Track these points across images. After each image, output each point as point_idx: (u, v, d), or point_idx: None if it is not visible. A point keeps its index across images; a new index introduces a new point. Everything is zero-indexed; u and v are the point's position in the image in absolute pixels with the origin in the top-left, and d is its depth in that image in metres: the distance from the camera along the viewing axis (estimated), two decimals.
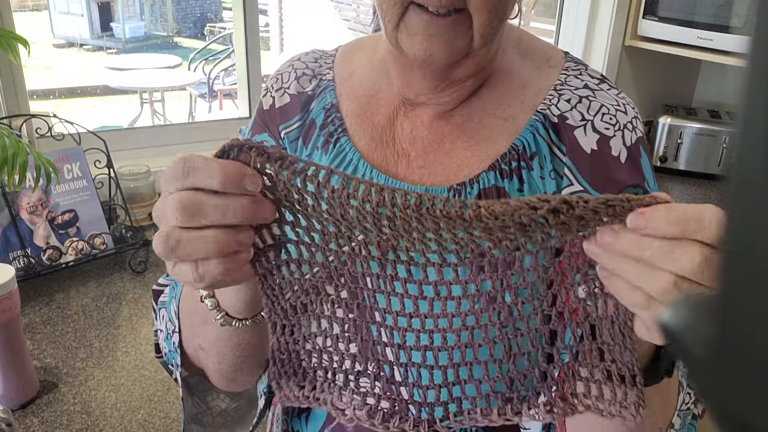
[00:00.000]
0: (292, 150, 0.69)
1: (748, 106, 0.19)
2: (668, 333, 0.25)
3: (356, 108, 0.67)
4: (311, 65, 0.71)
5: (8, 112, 1.40)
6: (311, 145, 0.67)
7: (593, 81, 0.63)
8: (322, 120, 0.67)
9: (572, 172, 0.60)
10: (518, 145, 0.61)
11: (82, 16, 7.83)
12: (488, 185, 0.61)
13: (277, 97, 0.70)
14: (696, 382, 0.23)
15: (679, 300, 0.25)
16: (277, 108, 0.70)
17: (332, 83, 0.69)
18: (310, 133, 0.68)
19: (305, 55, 0.73)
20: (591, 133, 0.60)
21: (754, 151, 0.19)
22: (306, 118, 0.69)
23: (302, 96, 0.69)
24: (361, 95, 0.68)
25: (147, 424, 0.95)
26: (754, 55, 0.19)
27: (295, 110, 0.69)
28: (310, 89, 0.69)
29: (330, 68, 0.71)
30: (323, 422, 0.70)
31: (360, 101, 0.67)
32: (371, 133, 0.66)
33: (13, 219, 1.27)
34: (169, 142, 1.64)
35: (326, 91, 0.69)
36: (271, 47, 6.47)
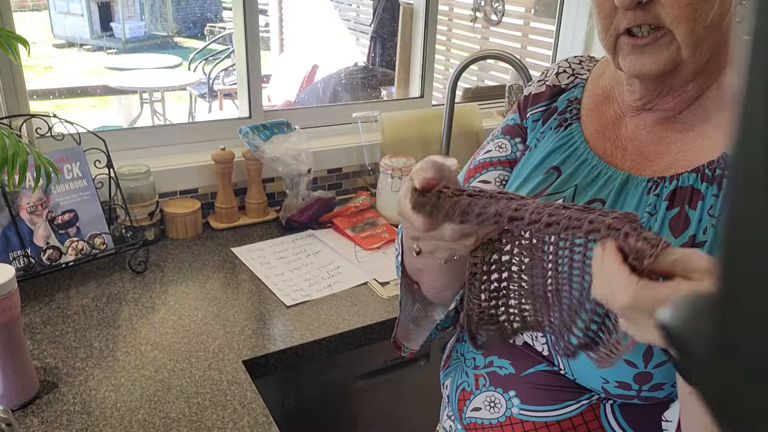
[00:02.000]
0: (531, 129, 0.83)
1: (748, 106, 0.19)
2: (668, 333, 0.25)
3: (593, 103, 0.79)
4: (574, 65, 0.85)
5: (8, 112, 1.40)
6: (547, 126, 0.81)
7: None
8: (563, 107, 0.81)
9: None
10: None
11: (82, 16, 7.83)
12: (686, 184, 0.67)
13: (535, 87, 0.85)
14: (696, 382, 0.23)
15: (679, 300, 0.25)
16: (533, 95, 0.85)
17: (584, 82, 0.82)
18: (550, 116, 0.81)
19: (574, 57, 0.87)
20: None
21: (754, 150, 0.19)
22: (550, 105, 0.82)
23: (555, 88, 0.83)
24: (600, 94, 0.80)
25: (147, 424, 0.95)
26: (754, 55, 0.19)
27: (545, 98, 0.83)
28: (564, 84, 0.83)
29: (589, 70, 0.84)
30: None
31: (596, 99, 0.79)
32: (597, 125, 0.77)
33: (13, 219, 1.27)
34: (169, 142, 1.64)
35: (577, 87, 0.82)
36: (271, 47, 6.47)
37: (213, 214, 1.63)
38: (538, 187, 0.77)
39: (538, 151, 0.80)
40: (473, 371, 0.82)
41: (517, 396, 0.75)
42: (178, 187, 1.59)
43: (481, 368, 0.81)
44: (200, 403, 0.99)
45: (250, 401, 1.00)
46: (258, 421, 0.96)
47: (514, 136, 0.86)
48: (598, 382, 0.69)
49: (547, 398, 0.74)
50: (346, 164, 1.80)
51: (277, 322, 1.23)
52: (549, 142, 0.79)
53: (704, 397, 0.23)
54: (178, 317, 1.22)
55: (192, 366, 1.08)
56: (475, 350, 0.82)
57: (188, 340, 1.15)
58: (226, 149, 1.57)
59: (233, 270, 1.41)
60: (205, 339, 1.16)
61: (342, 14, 5.79)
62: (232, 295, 1.31)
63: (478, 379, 0.80)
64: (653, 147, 0.72)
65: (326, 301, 1.30)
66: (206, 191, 1.62)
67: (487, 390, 0.79)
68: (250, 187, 1.64)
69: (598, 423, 0.71)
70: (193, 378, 1.05)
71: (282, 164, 1.56)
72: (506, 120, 0.89)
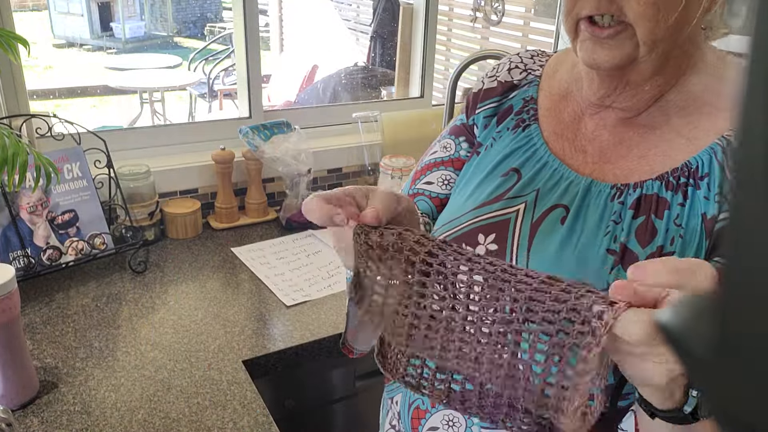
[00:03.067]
0: (483, 125, 0.81)
1: (748, 106, 0.19)
2: (668, 333, 0.25)
3: (549, 103, 0.78)
4: (525, 60, 0.83)
5: (8, 112, 1.40)
6: (503, 126, 0.79)
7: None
8: (519, 107, 0.79)
9: None
10: (692, 163, 0.65)
11: (82, 16, 7.83)
12: (650, 192, 0.66)
13: (487, 83, 0.83)
14: (696, 382, 0.23)
15: (680, 300, 0.25)
16: (484, 90, 0.83)
17: (538, 79, 0.80)
18: (506, 116, 0.79)
19: (526, 51, 0.85)
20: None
21: (754, 151, 0.19)
22: (503, 102, 0.80)
23: (507, 84, 0.81)
24: (555, 94, 0.78)
25: (147, 424, 0.95)
26: (754, 55, 0.19)
27: (497, 93, 0.81)
28: (517, 79, 0.81)
29: (542, 66, 0.82)
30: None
31: (553, 99, 0.78)
32: (555, 127, 0.76)
33: (13, 219, 1.27)
34: (169, 142, 1.64)
35: (531, 84, 0.80)
36: (271, 47, 6.47)
37: (213, 214, 1.63)
38: (497, 190, 0.75)
39: (495, 151, 0.78)
40: None
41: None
42: (178, 187, 1.59)
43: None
44: (200, 403, 0.99)
45: (250, 401, 1.00)
46: (258, 421, 0.96)
47: (459, 136, 0.85)
48: None
49: None
50: (346, 164, 1.80)
51: (277, 322, 1.23)
52: (507, 143, 0.77)
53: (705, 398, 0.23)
54: (178, 317, 1.22)
55: (192, 366, 1.08)
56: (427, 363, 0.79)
57: (188, 340, 1.15)
58: (226, 149, 1.57)
59: (233, 270, 1.41)
60: (205, 339, 1.16)
61: (342, 14, 5.79)
62: (232, 295, 1.31)
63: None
64: (614, 149, 0.71)
65: (326, 301, 1.30)
66: (206, 191, 1.62)
67: (444, 409, 0.75)
68: (250, 187, 1.64)
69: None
70: (193, 378, 1.05)
71: (282, 164, 1.56)
72: (454, 121, 0.88)
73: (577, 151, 0.73)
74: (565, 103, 0.77)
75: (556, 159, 0.73)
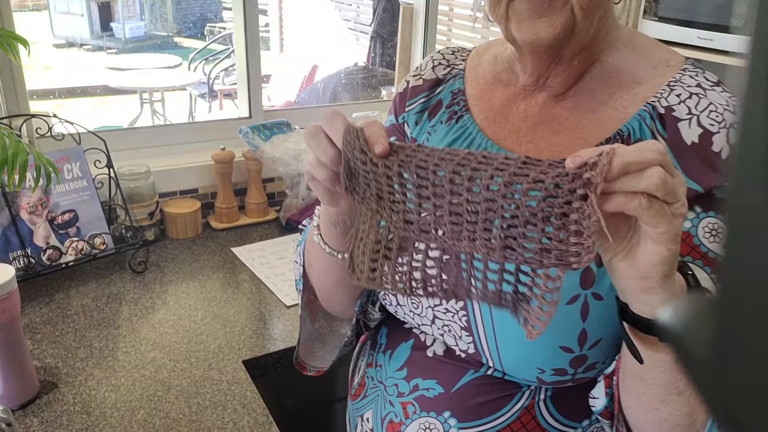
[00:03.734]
0: (414, 122, 0.82)
1: (748, 106, 0.19)
2: (668, 333, 0.25)
3: (477, 93, 0.79)
4: (448, 56, 0.85)
5: (8, 112, 1.40)
6: (436, 119, 0.80)
7: (708, 82, 0.68)
8: (449, 101, 0.80)
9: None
10: (624, 131, 0.67)
11: (82, 16, 7.83)
12: None
13: (412, 81, 0.84)
14: (696, 382, 0.23)
15: (679, 300, 0.25)
16: (410, 88, 0.84)
17: (462, 72, 0.82)
18: (437, 110, 0.81)
19: (446, 48, 0.87)
20: (695, 127, 0.64)
21: (754, 151, 0.19)
22: (431, 97, 0.82)
23: (433, 80, 0.83)
24: (482, 83, 0.80)
25: (147, 424, 0.95)
26: (754, 55, 0.19)
27: (424, 90, 0.83)
28: (441, 74, 0.83)
29: (464, 60, 0.84)
30: (405, 359, 0.79)
31: (481, 88, 0.79)
32: (486, 113, 0.77)
33: (13, 219, 1.27)
34: (169, 142, 1.64)
35: (456, 78, 0.82)
36: (271, 47, 6.47)
37: (213, 214, 1.63)
38: None
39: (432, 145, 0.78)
40: (398, 399, 0.77)
41: (453, 416, 0.73)
42: (178, 187, 1.59)
43: (407, 395, 0.77)
44: (200, 403, 0.99)
45: (250, 401, 1.00)
46: (258, 421, 0.96)
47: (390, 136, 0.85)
48: (532, 373, 0.68)
49: (483, 410, 0.72)
50: None
51: (277, 322, 1.23)
52: (443, 136, 0.78)
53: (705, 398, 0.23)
54: (178, 317, 1.22)
55: (192, 366, 1.08)
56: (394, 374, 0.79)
57: (188, 340, 1.15)
58: (226, 149, 1.57)
59: (233, 270, 1.41)
60: (205, 339, 1.16)
61: (342, 14, 5.79)
62: (232, 295, 1.31)
63: (407, 407, 0.76)
64: (546, 125, 0.72)
65: None
66: (206, 191, 1.62)
67: (419, 417, 0.75)
68: (250, 187, 1.64)
69: (536, 423, 0.71)
70: (193, 378, 1.05)
71: (282, 164, 1.56)
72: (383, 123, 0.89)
73: (511, 132, 0.74)
74: (493, 90, 0.78)
75: (493, 144, 0.74)
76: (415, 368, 0.77)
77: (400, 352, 0.80)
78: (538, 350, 0.66)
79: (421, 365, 0.77)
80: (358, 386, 0.86)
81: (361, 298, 0.82)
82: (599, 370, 0.68)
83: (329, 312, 0.88)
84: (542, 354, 0.66)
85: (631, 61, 0.71)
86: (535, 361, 0.67)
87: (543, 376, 0.68)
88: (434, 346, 0.76)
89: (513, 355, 0.68)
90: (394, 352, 0.81)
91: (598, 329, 0.64)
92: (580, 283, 0.64)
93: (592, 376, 0.68)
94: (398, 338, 0.81)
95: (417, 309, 0.75)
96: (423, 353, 0.77)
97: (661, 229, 0.47)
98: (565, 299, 0.64)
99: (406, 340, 0.79)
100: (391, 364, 0.80)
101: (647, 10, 1.92)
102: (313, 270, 0.80)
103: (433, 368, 0.76)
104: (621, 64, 0.71)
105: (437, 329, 0.74)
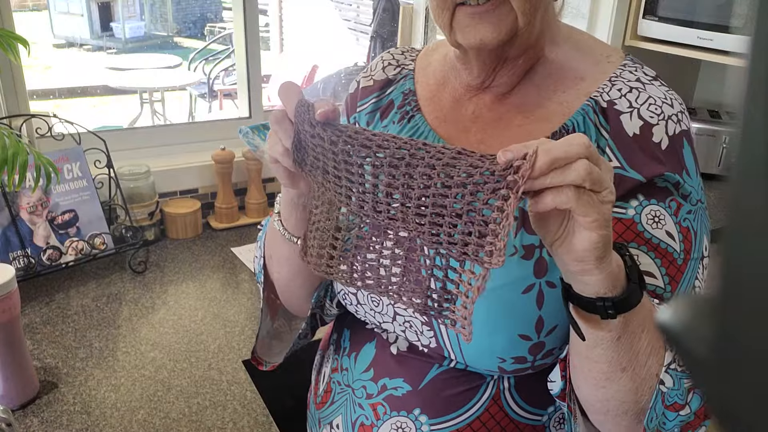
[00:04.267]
0: (366, 122, 0.83)
1: (748, 106, 0.19)
2: (668, 333, 0.25)
3: (427, 94, 0.80)
4: (397, 57, 0.86)
5: (8, 112, 1.40)
6: (388, 119, 0.81)
7: (646, 77, 0.70)
8: (400, 101, 0.81)
9: (612, 151, 0.67)
10: (569, 125, 0.69)
11: (82, 16, 7.83)
12: None
13: (363, 82, 0.85)
14: (697, 382, 0.23)
15: (679, 300, 0.25)
16: (360, 89, 0.84)
17: (412, 73, 0.83)
18: (388, 111, 0.81)
19: (395, 49, 0.88)
20: (636, 119, 0.67)
21: (754, 151, 0.19)
22: (382, 98, 0.83)
23: (383, 80, 0.84)
24: (432, 84, 0.80)
25: (147, 424, 0.95)
26: (754, 55, 0.19)
27: (375, 90, 0.83)
28: (392, 75, 0.84)
29: (413, 60, 0.85)
30: (371, 360, 0.79)
31: (430, 88, 0.80)
32: (437, 113, 0.78)
33: (13, 219, 1.27)
34: (169, 142, 1.64)
35: (406, 78, 0.82)
36: (271, 47, 6.47)
37: (213, 214, 1.63)
38: None
39: None
40: (368, 401, 0.78)
41: (423, 413, 0.74)
42: (178, 187, 1.59)
43: (375, 396, 0.77)
44: (200, 403, 0.99)
45: (250, 401, 1.00)
46: (258, 421, 0.96)
47: None
48: (494, 363, 0.69)
49: (451, 404, 0.73)
50: None
51: None
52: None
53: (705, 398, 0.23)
54: (178, 317, 1.22)
55: (192, 366, 1.08)
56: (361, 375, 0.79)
57: (188, 340, 1.15)
58: (226, 149, 1.57)
59: (233, 270, 1.41)
60: (205, 339, 1.16)
61: (342, 14, 5.79)
62: (232, 295, 1.31)
63: (377, 408, 0.77)
64: (495, 124, 0.73)
65: None
66: (206, 191, 1.62)
67: (390, 417, 0.75)
68: (250, 187, 1.64)
69: (503, 413, 0.73)
70: (193, 378, 1.05)
71: None
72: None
73: (461, 131, 0.75)
74: (443, 91, 0.79)
75: (445, 142, 0.75)
76: (381, 368, 0.78)
77: (364, 354, 0.80)
78: (498, 340, 0.67)
79: (386, 364, 0.77)
80: (324, 393, 0.86)
81: (318, 290, 0.82)
82: (556, 356, 0.69)
83: (288, 310, 0.88)
84: (502, 343, 0.67)
85: (574, 57, 0.73)
86: (495, 350, 0.68)
87: (504, 365, 0.69)
88: (397, 343, 0.77)
89: (473, 346, 0.69)
90: (358, 354, 0.81)
91: (554, 316, 0.66)
92: (534, 272, 0.66)
93: (550, 362, 0.70)
94: (361, 339, 0.81)
95: (378, 307, 0.76)
96: (387, 351, 0.78)
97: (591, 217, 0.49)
98: (520, 288, 0.66)
99: (370, 340, 0.80)
100: (357, 366, 0.80)
101: (647, 10, 1.92)
102: (273, 261, 0.81)
103: (398, 366, 0.76)
104: (563, 60, 0.72)
105: (398, 326, 0.75)
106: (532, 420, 0.74)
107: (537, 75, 0.72)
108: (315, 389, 0.90)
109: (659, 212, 0.65)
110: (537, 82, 0.72)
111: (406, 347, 0.76)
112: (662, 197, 0.65)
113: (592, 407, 0.65)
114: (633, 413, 0.61)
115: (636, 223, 0.64)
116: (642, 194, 0.65)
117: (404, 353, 0.76)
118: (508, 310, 0.66)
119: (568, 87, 0.71)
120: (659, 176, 0.65)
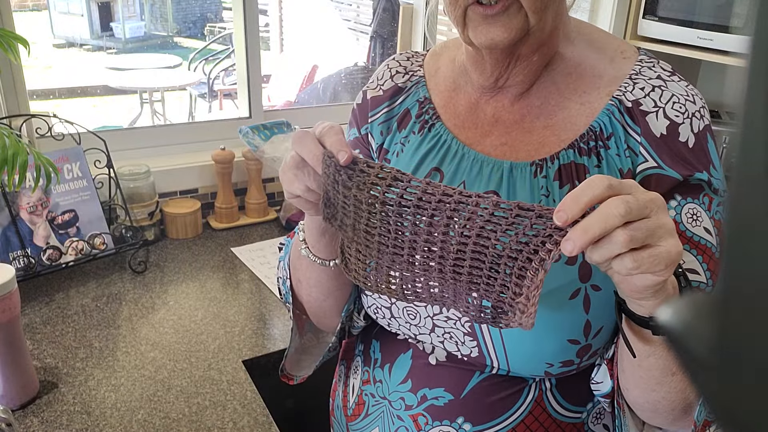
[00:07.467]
0: (378, 132, 0.81)
1: (748, 106, 0.19)
2: (668, 333, 0.25)
3: (442, 101, 0.79)
4: (404, 63, 0.84)
5: (8, 112, 1.40)
6: (407, 130, 0.79)
7: (665, 73, 0.70)
8: (417, 110, 0.79)
9: (647, 150, 0.67)
10: (596, 126, 0.69)
11: (82, 16, 7.83)
12: (567, 161, 0.69)
13: (371, 92, 0.83)
14: (697, 383, 0.23)
15: (680, 300, 0.25)
16: (369, 99, 0.83)
17: (423, 79, 0.81)
18: (406, 120, 0.79)
19: (399, 55, 0.86)
20: (662, 119, 0.67)
21: (754, 151, 0.19)
22: (394, 107, 0.81)
23: (393, 89, 0.82)
24: (443, 90, 0.79)
25: (147, 424, 0.95)
26: (754, 55, 0.19)
27: (386, 99, 0.81)
28: (401, 83, 0.82)
29: (420, 65, 0.83)
30: (408, 370, 0.78)
31: (443, 96, 0.79)
32: (455, 120, 0.77)
33: (13, 219, 1.27)
34: (169, 142, 1.64)
35: (418, 86, 0.80)
36: (271, 47, 6.47)
37: (213, 214, 1.63)
38: None
39: (408, 156, 0.78)
40: (407, 412, 0.76)
41: (467, 420, 0.73)
42: (178, 187, 1.59)
43: (415, 407, 0.76)
44: (200, 403, 0.99)
45: (250, 401, 1.00)
46: (258, 421, 0.96)
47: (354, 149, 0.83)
48: (541, 368, 0.69)
49: (495, 410, 0.72)
50: None
51: (277, 322, 1.23)
52: (417, 145, 0.77)
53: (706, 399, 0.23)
54: (178, 317, 1.22)
55: (192, 366, 1.08)
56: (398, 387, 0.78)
57: (188, 340, 1.15)
58: (226, 149, 1.57)
59: (233, 270, 1.41)
60: (205, 339, 1.16)
61: (342, 14, 5.78)
62: (232, 295, 1.31)
63: (417, 418, 0.75)
64: (518, 126, 0.72)
65: None
66: (206, 191, 1.62)
67: (432, 427, 0.74)
68: (250, 187, 1.64)
69: (546, 414, 0.73)
70: (193, 378, 1.05)
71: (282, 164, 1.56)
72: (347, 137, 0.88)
73: (482, 136, 0.74)
74: (456, 96, 0.78)
75: (470, 149, 0.74)
76: (419, 378, 0.76)
77: (400, 365, 0.78)
78: (547, 346, 0.67)
79: (424, 374, 0.76)
80: (356, 405, 0.84)
81: (347, 303, 0.81)
82: (600, 355, 0.70)
83: (318, 327, 0.88)
84: (551, 349, 0.67)
85: (589, 54, 0.72)
86: (544, 356, 0.67)
87: (551, 369, 0.69)
88: (435, 353, 0.76)
89: (521, 354, 0.69)
90: (393, 365, 0.79)
91: (600, 318, 0.66)
92: (579, 277, 0.65)
93: (593, 362, 0.70)
94: (395, 350, 0.79)
95: (414, 320, 0.74)
96: (425, 362, 0.76)
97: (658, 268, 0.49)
98: (567, 294, 0.65)
99: (405, 351, 0.78)
100: (393, 378, 0.79)
101: (647, 10, 1.92)
102: (302, 286, 0.80)
103: (437, 376, 0.75)
104: (580, 58, 0.72)
105: (437, 337, 0.73)
106: (573, 418, 0.74)
107: (555, 73, 0.72)
108: (344, 401, 0.88)
109: (696, 210, 0.65)
110: (555, 79, 0.72)
111: (444, 356, 0.75)
112: (697, 194, 0.66)
113: (641, 407, 0.65)
114: (681, 409, 0.62)
115: (678, 223, 0.65)
116: (678, 193, 0.66)
117: (443, 362, 0.75)
118: (557, 316, 0.66)
119: (588, 86, 0.71)
120: (691, 176, 0.66)
